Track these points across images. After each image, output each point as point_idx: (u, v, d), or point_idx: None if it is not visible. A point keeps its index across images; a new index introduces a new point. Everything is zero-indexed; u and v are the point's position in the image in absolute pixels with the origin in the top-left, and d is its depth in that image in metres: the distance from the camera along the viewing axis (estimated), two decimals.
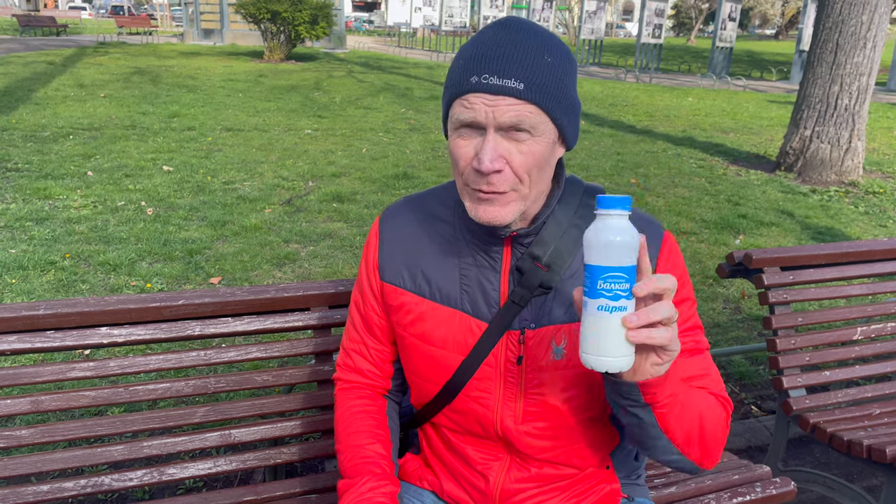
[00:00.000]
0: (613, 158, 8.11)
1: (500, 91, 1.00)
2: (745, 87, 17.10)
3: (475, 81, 1.01)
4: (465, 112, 1.03)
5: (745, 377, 3.29)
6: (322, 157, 7.52)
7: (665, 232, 1.18)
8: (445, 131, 1.12)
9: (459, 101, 1.04)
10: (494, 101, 1.00)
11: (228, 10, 23.92)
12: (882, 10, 6.86)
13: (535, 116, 1.02)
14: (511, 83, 1.00)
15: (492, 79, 1.00)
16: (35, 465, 1.46)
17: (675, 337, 0.92)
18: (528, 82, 1.00)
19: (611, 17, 58.45)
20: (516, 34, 1.03)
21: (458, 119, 1.04)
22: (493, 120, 1.01)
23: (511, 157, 1.03)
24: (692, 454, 1.09)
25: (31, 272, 4.04)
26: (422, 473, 1.34)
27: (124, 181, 6.13)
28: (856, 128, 7.23)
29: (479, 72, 1.01)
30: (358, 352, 1.33)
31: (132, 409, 2.29)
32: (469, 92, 1.02)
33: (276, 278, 4.18)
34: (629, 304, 0.90)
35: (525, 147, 1.03)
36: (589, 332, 0.92)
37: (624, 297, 0.90)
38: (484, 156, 1.01)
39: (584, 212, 1.16)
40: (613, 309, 0.90)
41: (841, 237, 5.53)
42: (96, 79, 13.00)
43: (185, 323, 1.56)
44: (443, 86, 1.12)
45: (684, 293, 1.17)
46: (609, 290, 0.90)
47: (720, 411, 1.13)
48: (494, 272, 1.15)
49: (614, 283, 0.90)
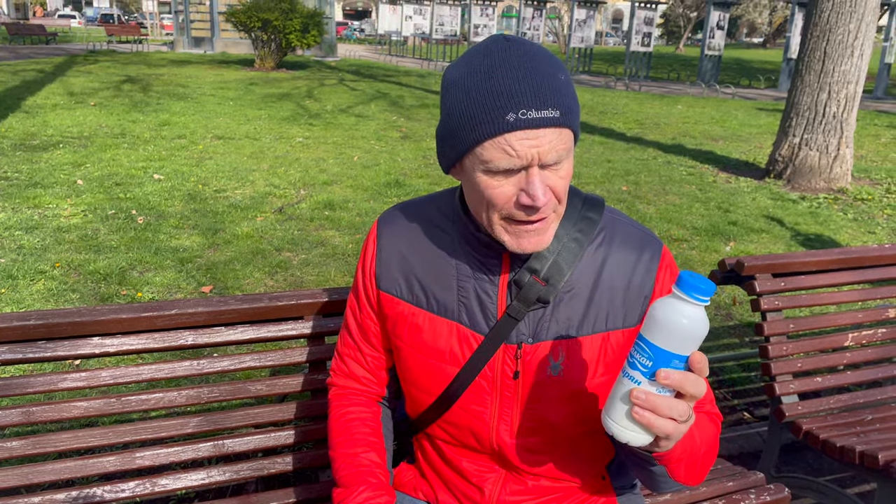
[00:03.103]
0: (604, 166, 8.14)
1: (541, 124, 0.95)
2: (733, 95, 17.23)
3: (513, 119, 0.94)
4: (509, 160, 0.96)
5: (737, 384, 3.29)
6: (314, 165, 7.51)
7: (663, 248, 1.18)
8: (450, 165, 1.07)
9: (496, 144, 0.96)
10: (536, 136, 0.95)
11: (219, 18, 23.92)
12: (869, 18, 6.93)
13: (568, 142, 0.99)
14: (549, 113, 0.95)
15: (530, 113, 0.94)
16: (26, 477, 1.44)
17: (682, 431, 0.91)
18: (562, 108, 0.97)
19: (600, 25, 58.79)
20: (529, 59, 0.98)
21: (499, 166, 0.97)
22: (538, 159, 0.97)
23: (554, 184, 1.01)
24: (689, 482, 1.10)
25: (20, 281, 4.01)
26: (417, 484, 1.33)
27: (115, 189, 6.10)
28: (844, 135, 7.29)
29: (516, 107, 0.94)
30: (353, 358, 1.32)
31: (124, 420, 2.27)
32: (507, 131, 0.95)
33: (267, 286, 4.16)
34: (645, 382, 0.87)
35: (562, 171, 1.01)
36: (613, 396, 0.91)
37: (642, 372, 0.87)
38: (536, 192, 0.97)
39: (583, 225, 1.15)
40: (632, 380, 0.88)
41: (830, 244, 5.57)
42: (86, 87, 12.95)
43: (177, 332, 1.55)
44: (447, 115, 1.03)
45: None
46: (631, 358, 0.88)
47: (714, 431, 1.14)
48: (492, 285, 1.14)
49: (640, 354, 0.87)
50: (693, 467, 1.07)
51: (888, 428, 2.16)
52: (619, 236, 1.16)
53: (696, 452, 1.05)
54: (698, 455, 1.07)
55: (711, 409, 1.18)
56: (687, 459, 1.04)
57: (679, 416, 0.88)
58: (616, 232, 1.17)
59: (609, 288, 1.13)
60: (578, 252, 1.13)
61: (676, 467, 1.03)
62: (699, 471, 1.09)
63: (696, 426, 1.07)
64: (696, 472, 1.08)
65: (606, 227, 1.17)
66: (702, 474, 1.11)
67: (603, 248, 1.15)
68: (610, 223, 1.18)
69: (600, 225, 1.16)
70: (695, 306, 0.84)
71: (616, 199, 6.61)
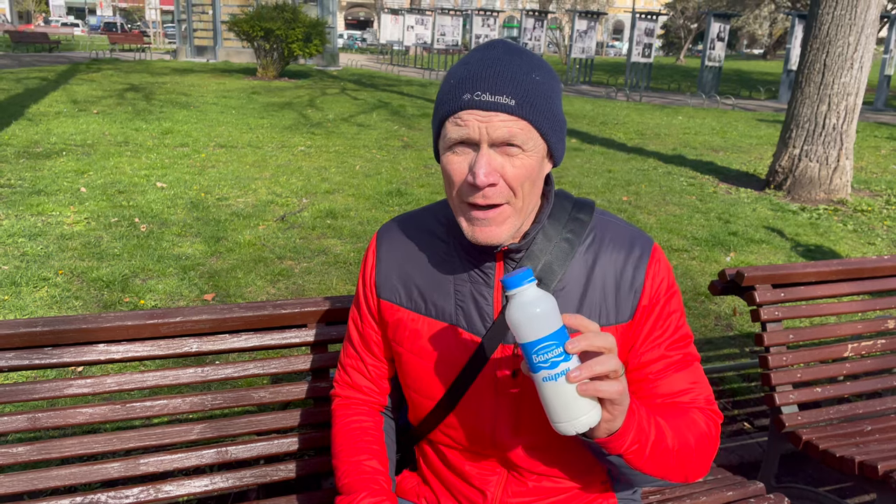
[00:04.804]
0: (605, 176, 8.17)
1: (492, 107, 1.02)
2: (734, 106, 17.28)
3: (467, 99, 1.03)
4: (459, 129, 1.04)
5: (737, 394, 3.30)
6: (316, 174, 7.54)
7: (654, 245, 1.21)
8: (437, 152, 1.13)
9: (452, 120, 1.05)
10: (487, 116, 1.02)
11: (222, 27, 24.03)
12: (868, 31, 6.97)
13: (526, 132, 1.04)
14: (503, 99, 1.02)
15: (484, 95, 1.02)
16: (31, 483, 1.46)
17: (624, 390, 0.95)
18: (518, 99, 1.02)
19: (601, 36, 59.03)
20: (505, 54, 1.06)
21: (451, 137, 1.06)
22: (487, 135, 1.03)
23: (504, 170, 1.05)
24: (675, 478, 1.12)
25: (23, 288, 4.02)
26: (419, 490, 1.34)
27: (118, 197, 6.12)
28: (844, 147, 7.32)
29: (472, 89, 1.03)
30: (356, 368, 1.34)
31: (128, 427, 2.28)
32: (461, 109, 1.04)
33: (269, 294, 4.18)
34: (570, 364, 0.92)
35: (518, 161, 1.05)
36: (548, 404, 0.95)
37: (561, 361, 0.92)
38: (479, 169, 1.03)
39: (574, 225, 1.19)
40: (556, 376, 0.92)
41: (830, 255, 5.58)
42: (89, 95, 13.01)
43: (182, 340, 1.57)
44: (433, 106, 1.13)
45: (672, 305, 1.20)
46: (545, 361, 0.92)
47: (704, 429, 1.15)
48: (487, 287, 1.17)
49: (546, 352, 0.92)
50: (664, 461, 1.07)
51: (887, 438, 2.16)
52: (609, 235, 1.20)
53: (662, 444, 1.06)
54: (668, 447, 1.07)
55: (707, 406, 1.19)
56: (650, 452, 1.04)
57: (613, 368, 0.93)
58: (606, 231, 1.20)
59: (601, 286, 1.17)
60: (570, 252, 1.16)
61: (636, 458, 1.04)
62: (677, 466, 1.09)
63: (666, 419, 1.09)
64: (671, 466, 1.09)
65: (597, 228, 1.21)
66: (683, 471, 1.11)
67: (594, 248, 1.19)
68: (600, 223, 1.21)
69: (590, 225, 1.20)
70: (534, 287, 0.94)
71: (617, 209, 6.63)
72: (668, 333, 1.19)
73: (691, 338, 1.22)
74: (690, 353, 1.21)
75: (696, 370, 1.21)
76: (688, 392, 1.18)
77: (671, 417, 1.11)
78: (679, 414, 1.14)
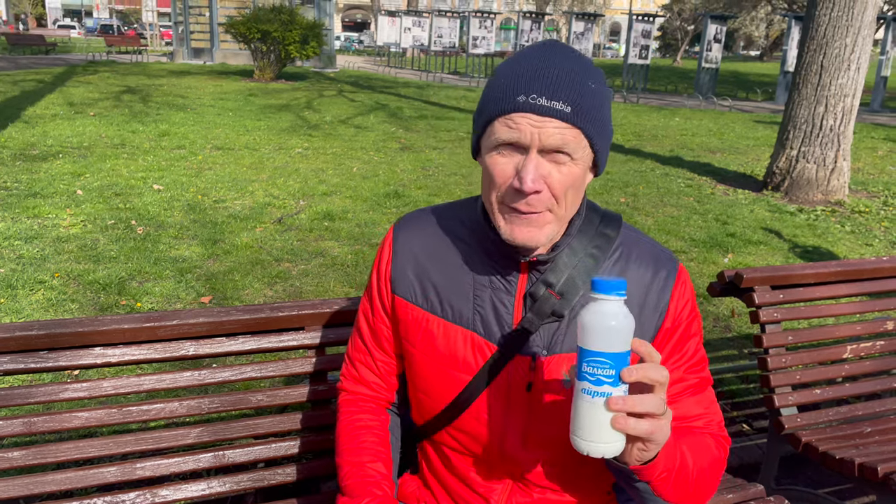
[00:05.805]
0: (602, 177, 8.17)
1: (547, 112, 0.99)
2: (731, 108, 17.30)
3: (522, 101, 1.00)
4: (509, 132, 1.02)
5: (736, 396, 3.30)
6: (313, 176, 7.53)
7: (680, 267, 1.19)
8: (475, 149, 1.11)
9: (503, 120, 1.02)
10: (541, 122, 1.00)
11: (219, 29, 24.01)
12: (865, 32, 6.98)
13: (577, 141, 1.02)
14: (559, 105, 0.99)
15: (539, 99, 1.00)
16: (26, 488, 1.44)
17: (662, 428, 0.93)
18: (574, 106, 1.00)
19: (598, 38, 59.12)
20: (561, 57, 1.03)
21: (500, 138, 1.03)
22: (538, 141, 1.00)
23: (550, 177, 1.02)
24: (688, 503, 1.10)
25: (19, 291, 4.01)
26: (420, 495, 1.33)
27: (114, 200, 6.11)
28: (841, 148, 7.33)
29: (527, 91, 1.00)
30: (364, 363, 1.32)
31: (125, 431, 2.27)
32: (515, 111, 1.01)
33: (267, 297, 4.16)
34: (615, 390, 0.89)
35: (565, 169, 1.03)
36: (577, 415, 0.92)
37: (608, 383, 0.89)
38: (526, 175, 1.00)
39: (600, 241, 1.16)
40: (596, 394, 0.89)
41: (828, 256, 5.59)
42: (86, 97, 12.99)
43: (179, 343, 1.56)
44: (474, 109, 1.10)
45: (693, 329, 1.19)
46: (593, 375, 0.90)
47: (716, 455, 1.14)
48: (509, 295, 1.15)
49: (599, 367, 0.89)
50: (684, 487, 1.06)
51: (887, 440, 2.16)
52: (636, 254, 1.18)
53: (685, 470, 1.05)
54: (689, 474, 1.06)
55: (719, 431, 1.19)
56: (675, 479, 1.03)
57: (655, 410, 0.90)
58: (633, 250, 1.18)
59: None
60: (595, 268, 1.14)
61: (662, 485, 1.03)
62: (693, 492, 1.08)
63: (687, 445, 1.08)
64: (688, 493, 1.08)
65: (623, 245, 1.18)
66: (697, 496, 1.10)
67: (619, 265, 1.16)
68: (627, 241, 1.19)
69: (617, 241, 1.18)
70: (620, 303, 0.90)
71: (615, 210, 6.62)
72: (688, 357, 1.17)
73: (707, 361, 1.21)
74: (706, 377, 1.20)
75: (709, 394, 1.20)
76: (702, 417, 1.17)
77: (691, 444, 1.10)
78: (696, 440, 1.12)
